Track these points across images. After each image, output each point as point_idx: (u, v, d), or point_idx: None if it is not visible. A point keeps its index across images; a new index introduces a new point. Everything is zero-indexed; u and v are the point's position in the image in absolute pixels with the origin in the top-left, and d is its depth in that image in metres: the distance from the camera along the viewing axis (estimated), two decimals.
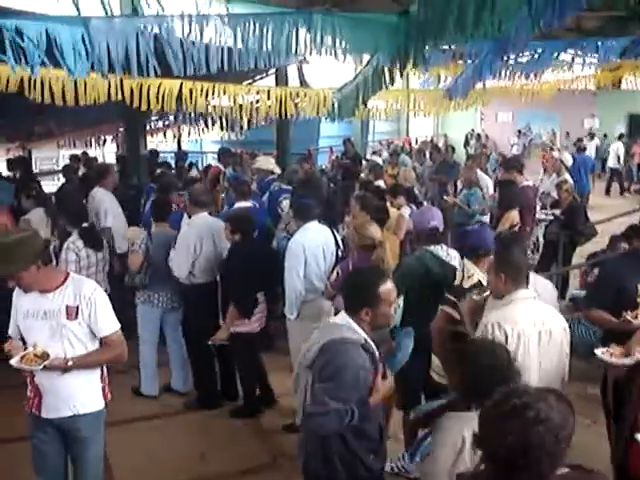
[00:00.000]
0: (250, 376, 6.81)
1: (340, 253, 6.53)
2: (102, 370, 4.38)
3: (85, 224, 6.98)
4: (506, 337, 3.94)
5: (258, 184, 9.94)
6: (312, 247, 6.28)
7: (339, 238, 6.65)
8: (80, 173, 13.42)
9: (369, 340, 3.62)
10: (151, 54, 5.27)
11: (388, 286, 3.65)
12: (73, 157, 15.79)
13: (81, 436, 4.32)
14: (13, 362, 3.96)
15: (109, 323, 4.21)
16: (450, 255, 5.67)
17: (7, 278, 4.02)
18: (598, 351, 4.07)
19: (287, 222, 7.68)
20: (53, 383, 4.15)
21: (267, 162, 10.33)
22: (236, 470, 5.80)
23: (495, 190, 9.93)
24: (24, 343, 4.13)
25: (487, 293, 4.61)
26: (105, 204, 8.46)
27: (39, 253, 4.01)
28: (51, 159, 21.78)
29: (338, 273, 5.82)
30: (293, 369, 6.37)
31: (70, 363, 4.07)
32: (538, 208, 9.76)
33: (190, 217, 7.05)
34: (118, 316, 4.32)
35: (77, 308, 4.08)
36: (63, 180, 12.42)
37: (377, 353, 3.65)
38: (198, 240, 6.69)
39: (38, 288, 4.07)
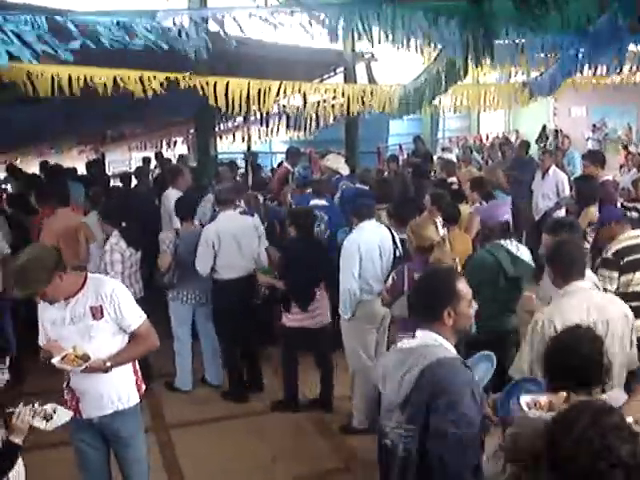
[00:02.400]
0: (288, 370, 6.84)
1: (398, 254, 6.38)
2: (133, 363, 4.38)
3: (124, 224, 7.13)
4: (556, 333, 3.89)
5: None
6: (367, 246, 6.19)
7: (398, 238, 6.49)
8: (153, 174, 13.63)
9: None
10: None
11: (464, 283, 3.34)
12: (145, 159, 15.99)
13: (121, 436, 4.34)
14: (55, 361, 3.95)
15: (135, 316, 4.23)
16: (520, 250, 5.60)
17: (33, 296, 4.08)
18: (522, 399, 3.29)
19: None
20: (89, 383, 4.16)
21: (336, 161, 10.22)
22: (308, 474, 5.70)
23: (571, 187, 9.63)
24: None
25: None
26: None
27: (56, 264, 4.01)
28: (124, 162, 22.17)
29: (394, 279, 5.66)
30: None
31: (108, 364, 4.07)
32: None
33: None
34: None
35: (101, 307, 4.10)
36: (136, 182, 12.52)
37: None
38: (216, 237, 6.84)
39: (63, 297, 4.08)
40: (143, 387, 4.48)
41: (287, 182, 10.73)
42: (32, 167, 15.90)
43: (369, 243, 6.22)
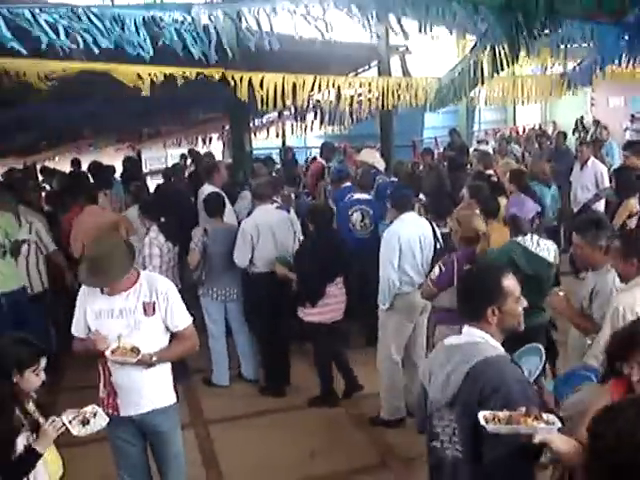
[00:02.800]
0: (322, 366, 6.91)
1: (439, 246, 6.37)
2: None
3: (163, 219, 7.21)
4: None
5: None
6: (408, 238, 6.18)
7: (438, 232, 6.50)
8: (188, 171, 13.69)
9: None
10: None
11: (511, 279, 3.21)
12: (182, 155, 16.08)
13: (162, 431, 4.34)
14: (107, 354, 3.98)
15: (183, 317, 4.26)
16: (540, 246, 5.43)
17: (107, 285, 4.07)
18: (480, 414, 2.88)
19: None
20: (131, 379, 4.15)
21: (369, 155, 10.21)
22: (346, 470, 5.68)
23: (611, 179, 9.48)
24: None
25: None
26: None
27: (133, 255, 4.09)
28: (159, 159, 22.29)
29: (441, 269, 5.56)
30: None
31: (154, 359, 4.09)
32: None
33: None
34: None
35: (154, 304, 4.12)
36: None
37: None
38: (255, 231, 6.94)
39: (120, 289, 4.09)
40: None
41: (322, 177, 10.72)
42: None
43: (410, 235, 6.20)
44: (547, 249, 5.46)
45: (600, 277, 4.62)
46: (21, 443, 3.53)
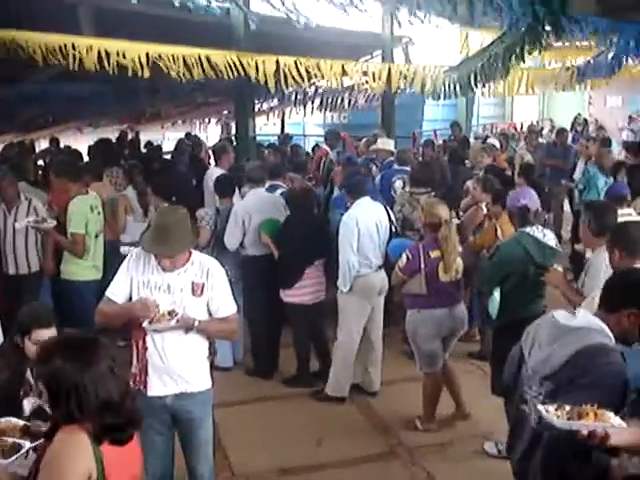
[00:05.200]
0: (301, 346, 7.00)
1: (394, 230, 6.63)
2: (209, 350, 4.27)
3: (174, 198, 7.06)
4: None
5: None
6: (365, 221, 6.35)
7: (393, 216, 6.79)
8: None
9: None
10: None
11: None
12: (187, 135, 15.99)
13: (193, 417, 4.18)
14: (145, 325, 3.90)
15: (229, 305, 4.17)
16: (547, 236, 5.47)
17: (165, 257, 3.95)
18: (542, 407, 2.81)
19: (402, 204, 7.54)
20: (166, 357, 4.03)
21: (387, 143, 10.31)
22: (353, 458, 5.60)
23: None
24: None
25: None
26: None
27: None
28: (157, 141, 22.16)
29: (408, 257, 5.73)
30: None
31: (196, 324, 3.99)
32: None
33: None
34: None
35: (203, 285, 4.02)
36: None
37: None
38: (246, 214, 6.95)
39: (178, 266, 4.00)
40: None
41: (324, 164, 10.72)
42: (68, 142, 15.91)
43: (367, 219, 6.37)
44: (551, 239, 5.51)
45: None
46: (27, 407, 3.52)
